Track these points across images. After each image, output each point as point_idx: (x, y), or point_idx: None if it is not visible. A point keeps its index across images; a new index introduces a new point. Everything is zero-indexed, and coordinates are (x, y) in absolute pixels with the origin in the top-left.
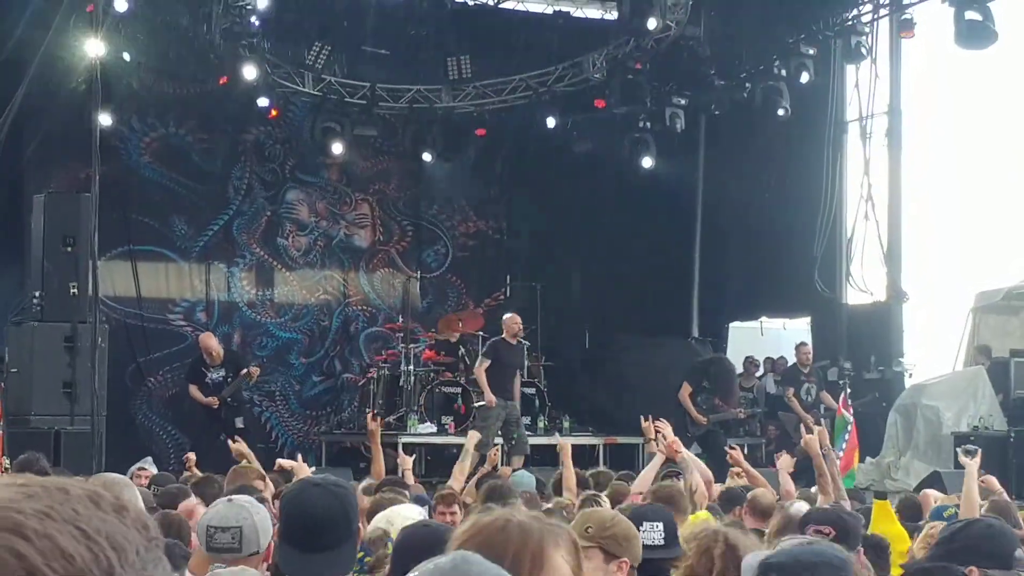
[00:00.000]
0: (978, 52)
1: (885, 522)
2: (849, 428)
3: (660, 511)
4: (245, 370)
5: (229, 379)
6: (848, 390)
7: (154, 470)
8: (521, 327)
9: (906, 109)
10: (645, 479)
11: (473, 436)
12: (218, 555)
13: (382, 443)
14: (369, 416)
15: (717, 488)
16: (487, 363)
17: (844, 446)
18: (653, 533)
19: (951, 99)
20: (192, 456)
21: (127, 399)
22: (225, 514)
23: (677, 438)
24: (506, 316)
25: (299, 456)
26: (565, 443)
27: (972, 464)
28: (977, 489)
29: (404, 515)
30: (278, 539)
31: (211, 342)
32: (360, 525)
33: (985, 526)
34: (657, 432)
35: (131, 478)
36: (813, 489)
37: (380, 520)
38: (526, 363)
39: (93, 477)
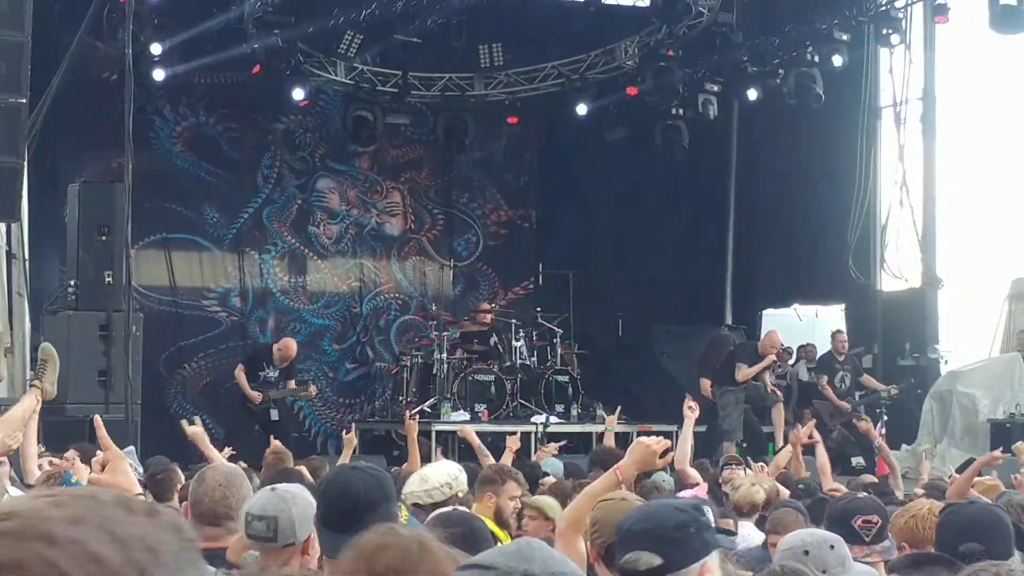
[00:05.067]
0: (1012, 37)
1: None
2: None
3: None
4: (306, 387)
5: (280, 382)
6: (885, 419)
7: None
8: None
9: (940, 94)
10: (684, 452)
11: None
12: (255, 543)
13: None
14: (407, 414)
15: None
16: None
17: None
18: None
19: (985, 84)
20: (228, 451)
21: (162, 388)
22: (264, 503)
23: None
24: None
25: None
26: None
27: None
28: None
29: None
30: (317, 524)
31: (292, 350)
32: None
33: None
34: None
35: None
36: None
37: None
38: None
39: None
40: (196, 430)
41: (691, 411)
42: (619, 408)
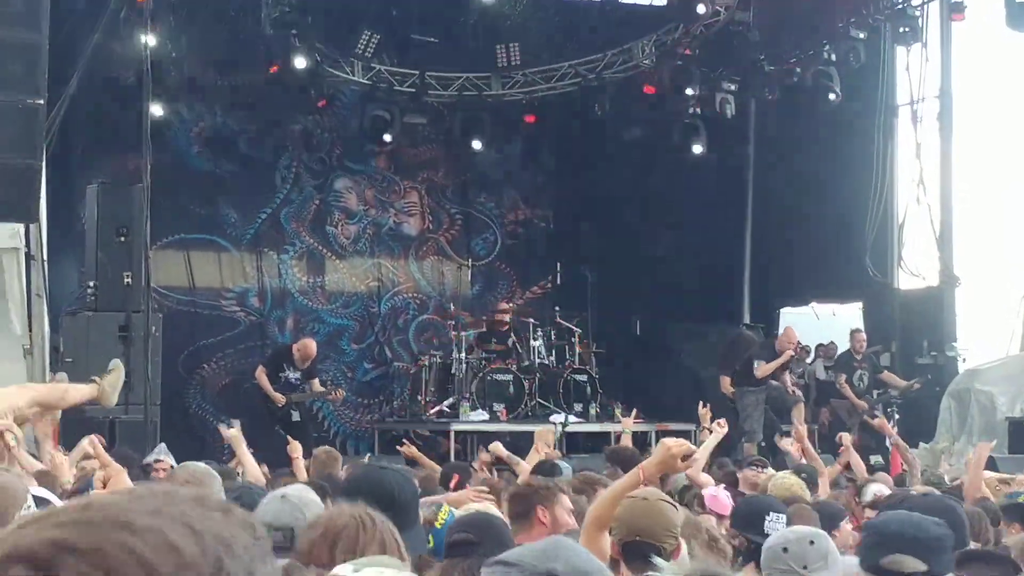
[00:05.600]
0: None
1: None
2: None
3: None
4: (333, 391)
5: (303, 384)
6: (897, 417)
7: (172, 461)
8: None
9: (957, 92)
10: (700, 462)
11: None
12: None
13: (433, 431)
14: (399, 448)
15: None
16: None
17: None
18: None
19: (1002, 82)
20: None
21: (181, 388)
22: (278, 512)
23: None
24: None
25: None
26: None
27: None
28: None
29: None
30: None
31: (312, 349)
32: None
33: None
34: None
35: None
36: None
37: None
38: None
39: (179, 466)
40: (234, 433)
41: (720, 427)
42: (635, 411)
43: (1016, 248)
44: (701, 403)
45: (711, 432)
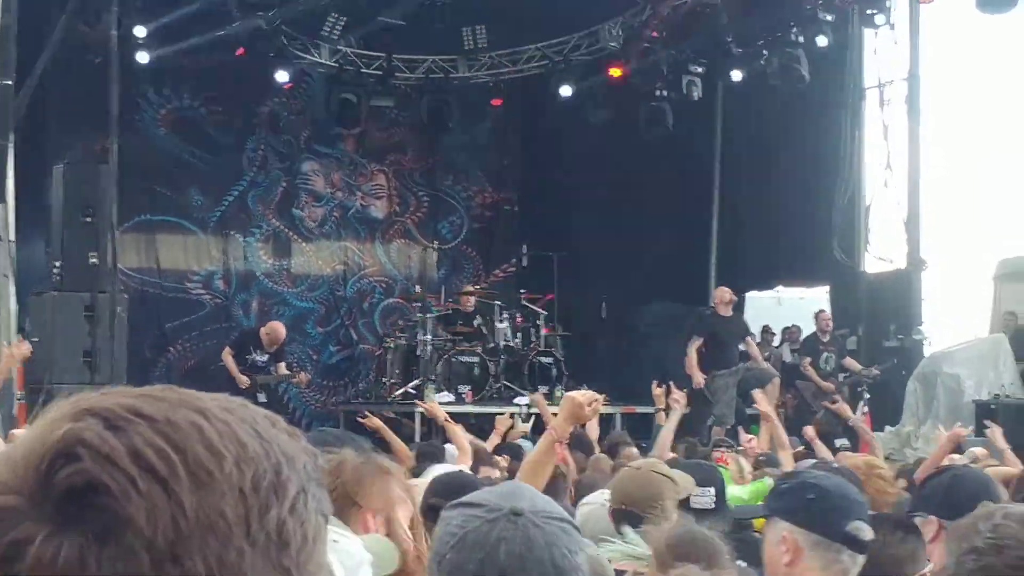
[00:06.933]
0: (997, 17)
1: None
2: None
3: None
4: (297, 374)
5: (270, 367)
6: (867, 396)
7: None
8: (733, 295)
9: (925, 75)
10: (664, 443)
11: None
12: None
13: (399, 413)
14: (361, 419)
15: None
16: (699, 341)
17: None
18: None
19: (970, 64)
20: None
21: (147, 369)
22: None
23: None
24: (717, 289)
25: None
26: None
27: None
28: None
29: None
30: None
31: (281, 333)
32: None
33: (951, 476)
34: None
35: None
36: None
37: None
38: (748, 328)
39: None
40: None
41: (676, 403)
42: (601, 396)
43: (983, 231)
44: (655, 383)
45: (667, 411)
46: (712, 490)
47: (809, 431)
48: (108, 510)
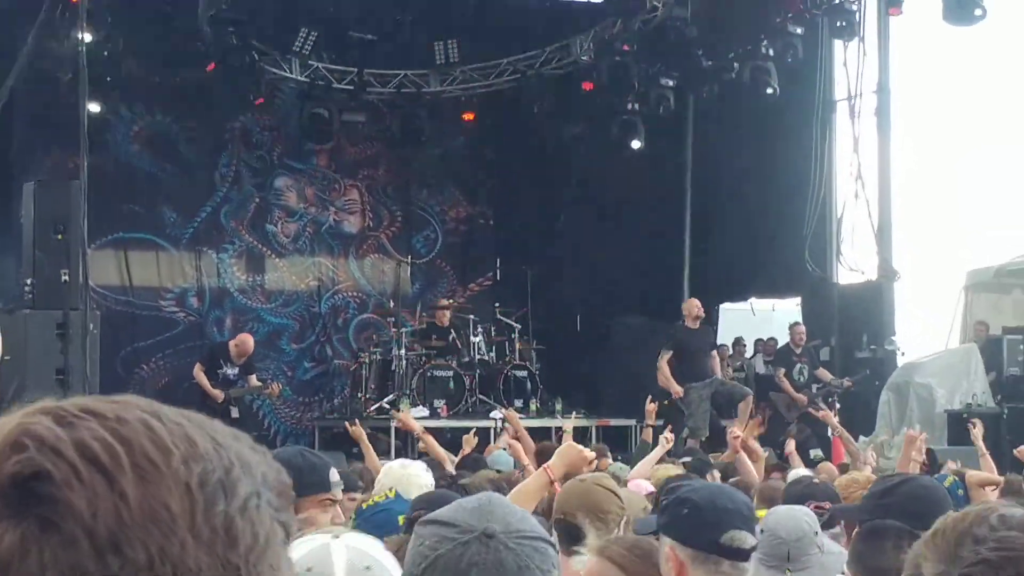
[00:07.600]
0: (966, 29)
1: None
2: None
3: None
4: (268, 385)
5: (240, 380)
6: (838, 407)
7: None
8: (701, 309)
9: (895, 87)
10: (642, 472)
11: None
12: None
13: (375, 428)
14: (348, 425)
15: None
16: (669, 354)
17: None
18: None
19: (940, 76)
20: None
21: (120, 387)
22: None
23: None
24: (685, 302)
25: None
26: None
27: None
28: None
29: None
30: None
31: (249, 345)
32: None
33: (919, 486)
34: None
35: None
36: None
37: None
38: (715, 342)
39: None
40: None
41: (667, 441)
42: (574, 414)
43: (953, 242)
44: (649, 399)
45: (653, 427)
46: None
47: (790, 445)
48: (51, 499)
